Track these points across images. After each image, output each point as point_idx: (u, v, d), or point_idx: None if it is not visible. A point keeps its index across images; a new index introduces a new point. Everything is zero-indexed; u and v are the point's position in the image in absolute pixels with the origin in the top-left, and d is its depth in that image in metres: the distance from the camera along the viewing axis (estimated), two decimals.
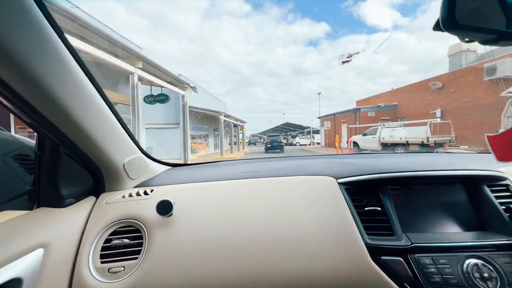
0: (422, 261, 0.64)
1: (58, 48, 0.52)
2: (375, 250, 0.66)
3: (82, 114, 0.60)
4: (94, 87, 0.64)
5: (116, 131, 0.76)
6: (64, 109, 0.56)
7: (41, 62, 0.48)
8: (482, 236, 0.70)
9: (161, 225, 0.70)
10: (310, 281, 0.63)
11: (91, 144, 0.67)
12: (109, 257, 0.66)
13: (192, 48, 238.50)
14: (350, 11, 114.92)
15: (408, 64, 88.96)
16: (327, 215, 0.72)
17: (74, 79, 0.57)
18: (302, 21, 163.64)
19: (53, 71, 0.51)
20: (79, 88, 0.59)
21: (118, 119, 0.76)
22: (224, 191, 0.82)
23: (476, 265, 0.62)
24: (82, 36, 4.24)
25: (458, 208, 0.77)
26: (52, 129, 0.60)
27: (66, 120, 0.58)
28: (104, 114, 0.69)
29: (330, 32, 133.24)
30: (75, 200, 0.72)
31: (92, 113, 0.64)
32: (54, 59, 0.51)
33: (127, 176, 0.83)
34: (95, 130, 0.66)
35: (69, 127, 0.60)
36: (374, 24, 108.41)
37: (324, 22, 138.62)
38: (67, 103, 0.56)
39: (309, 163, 1.02)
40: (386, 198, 0.75)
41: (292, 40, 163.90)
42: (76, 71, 0.57)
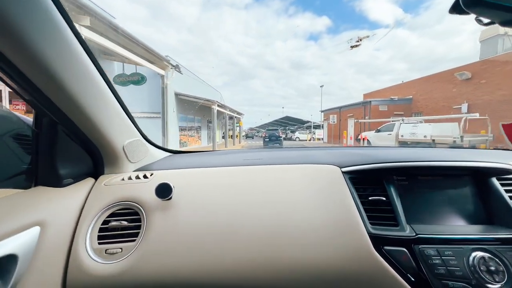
0: (427, 252, 0.62)
1: (59, 25, 0.52)
2: (379, 240, 0.64)
3: (81, 92, 0.60)
4: (95, 67, 0.64)
5: (116, 112, 0.75)
6: (64, 86, 0.56)
7: (42, 38, 0.48)
8: (489, 230, 0.68)
9: (160, 208, 0.70)
10: (311, 270, 0.62)
11: (90, 123, 0.67)
12: (107, 238, 0.66)
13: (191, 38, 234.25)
14: (352, 5, 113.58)
15: (409, 62, 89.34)
16: (330, 204, 0.70)
17: (75, 57, 0.57)
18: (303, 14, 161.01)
19: (53, 47, 0.51)
20: (80, 66, 0.58)
21: (119, 101, 0.76)
22: (225, 177, 0.81)
23: (482, 258, 0.61)
24: None
25: (465, 201, 0.75)
26: (50, 106, 0.59)
27: (65, 97, 0.58)
28: (104, 95, 0.69)
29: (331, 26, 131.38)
30: (74, 181, 0.72)
31: (92, 92, 0.64)
32: (55, 36, 0.51)
33: (126, 159, 0.83)
34: (94, 109, 0.65)
35: (67, 104, 0.60)
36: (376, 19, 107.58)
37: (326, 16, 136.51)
38: (67, 81, 0.56)
39: (312, 153, 1.01)
40: (391, 188, 0.74)
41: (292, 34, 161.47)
42: (77, 50, 0.57)
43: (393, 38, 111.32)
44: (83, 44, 0.58)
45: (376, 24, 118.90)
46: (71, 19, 0.54)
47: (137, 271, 0.62)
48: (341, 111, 20.65)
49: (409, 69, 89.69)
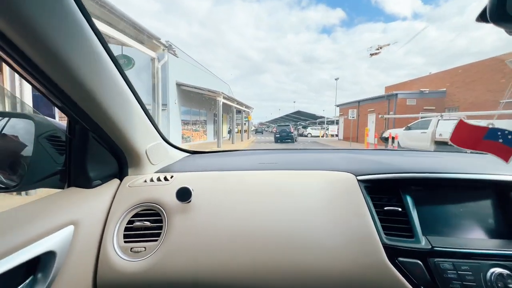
0: (442, 266, 0.60)
1: (90, 39, 0.54)
2: (393, 251, 0.63)
3: (109, 101, 0.63)
4: (121, 76, 0.67)
5: (140, 118, 0.79)
6: (94, 96, 0.59)
7: (75, 52, 0.51)
8: (510, 245, 0.64)
9: (180, 210, 0.72)
10: (323, 277, 0.62)
11: (117, 130, 0.71)
12: (131, 237, 0.69)
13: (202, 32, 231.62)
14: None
15: (426, 56, 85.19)
16: (345, 212, 0.70)
17: (104, 69, 0.60)
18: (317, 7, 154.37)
19: (85, 60, 0.54)
20: (108, 77, 0.61)
21: (142, 106, 0.80)
22: (241, 181, 0.82)
23: (501, 275, 0.58)
24: None
25: (485, 214, 0.72)
26: (82, 114, 0.63)
27: (95, 106, 0.62)
28: (129, 102, 0.72)
29: (345, 19, 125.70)
30: (101, 182, 0.76)
31: (118, 101, 0.67)
32: (86, 49, 0.54)
33: (148, 161, 0.87)
34: (121, 117, 0.69)
35: (97, 113, 0.64)
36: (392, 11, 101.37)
37: (340, 8, 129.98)
38: (96, 91, 0.59)
39: (328, 157, 1.02)
40: (407, 198, 0.71)
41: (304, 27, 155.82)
42: (106, 61, 0.60)
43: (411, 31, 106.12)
44: (110, 54, 0.61)
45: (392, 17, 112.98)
46: (100, 33, 0.57)
47: (159, 269, 0.64)
48: (360, 106, 18.70)
49: (426, 63, 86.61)
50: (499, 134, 0.68)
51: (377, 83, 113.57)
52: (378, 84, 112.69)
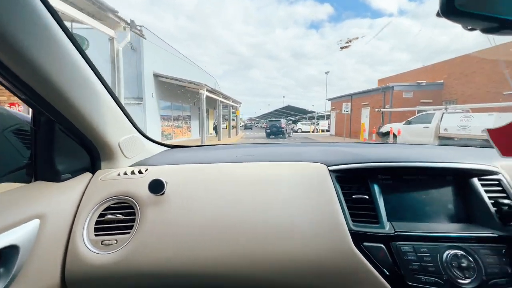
0: (403, 248, 0.64)
1: (51, 28, 0.52)
2: (359, 236, 0.66)
3: (76, 92, 0.62)
4: (89, 67, 0.65)
5: (111, 110, 0.77)
6: (57, 86, 0.57)
7: (34, 40, 0.49)
8: (466, 229, 0.70)
9: (153, 203, 0.72)
10: (294, 263, 0.64)
11: (85, 121, 0.69)
12: (103, 230, 0.68)
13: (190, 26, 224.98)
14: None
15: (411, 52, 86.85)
16: (315, 201, 0.72)
17: (67, 58, 0.58)
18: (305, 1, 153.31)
19: (46, 49, 0.52)
20: (72, 66, 0.60)
21: (114, 98, 0.78)
22: (217, 173, 0.83)
23: (455, 255, 0.63)
24: None
25: (446, 200, 0.77)
26: (46, 106, 0.61)
27: (60, 97, 0.59)
28: (98, 94, 0.70)
29: (333, 14, 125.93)
30: (71, 176, 0.75)
31: (86, 92, 0.66)
32: (47, 37, 0.52)
33: (122, 154, 0.86)
34: (89, 108, 0.67)
35: (62, 104, 0.62)
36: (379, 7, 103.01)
37: (328, 3, 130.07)
38: (60, 81, 0.57)
39: (304, 150, 1.03)
40: (374, 187, 0.76)
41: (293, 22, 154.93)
42: (69, 50, 0.58)
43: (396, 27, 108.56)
44: (75, 44, 0.59)
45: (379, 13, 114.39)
46: (61, 20, 0.54)
47: (130, 261, 0.64)
48: (353, 99, 17.85)
49: (412, 60, 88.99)
50: None
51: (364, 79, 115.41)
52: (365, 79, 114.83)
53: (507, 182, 0.76)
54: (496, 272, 0.61)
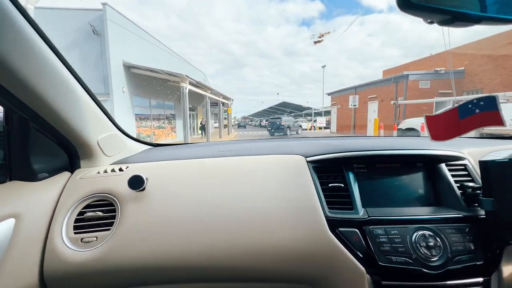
0: (376, 232, 0.67)
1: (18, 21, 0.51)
2: (334, 222, 0.69)
3: (48, 89, 0.61)
4: (62, 62, 0.64)
5: (87, 107, 0.76)
6: (28, 84, 0.56)
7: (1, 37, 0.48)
8: (434, 211, 0.73)
9: (134, 199, 0.72)
10: (273, 251, 0.66)
11: (60, 119, 0.67)
12: (84, 228, 0.68)
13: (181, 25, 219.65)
14: None
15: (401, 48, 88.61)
16: (293, 191, 0.74)
17: (37, 54, 0.57)
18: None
19: (13, 45, 0.51)
20: (43, 62, 0.59)
21: (91, 96, 0.77)
22: (197, 168, 0.83)
23: (423, 236, 0.66)
24: None
25: (417, 186, 0.80)
26: (17, 103, 0.60)
27: (31, 94, 0.58)
28: (73, 90, 0.69)
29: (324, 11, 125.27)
30: (49, 175, 0.74)
31: (60, 88, 0.65)
32: (13, 31, 0.51)
33: (102, 153, 0.84)
34: (63, 105, 0.66)
35: (34, 101, 0.60)
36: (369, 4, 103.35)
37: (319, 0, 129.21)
38: (31, 78, 0.56)
39: (286, 144, 1.05)
40: (350, 175, 0.78)
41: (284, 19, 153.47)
42: (39, 46, 0.57)
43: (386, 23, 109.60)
44: (45, 39, 0.58)
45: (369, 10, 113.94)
46: (29, 15, 0.53)
47: (111, 257, 0.64)
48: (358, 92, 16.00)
49: (402, 55, 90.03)
50: (471, 107, 0.68)
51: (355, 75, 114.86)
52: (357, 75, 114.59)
53: (472, 166, 0.81)
54: (460, 250, 0.65)
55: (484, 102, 0.65)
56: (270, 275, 0.67)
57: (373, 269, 0.64)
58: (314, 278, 0.67)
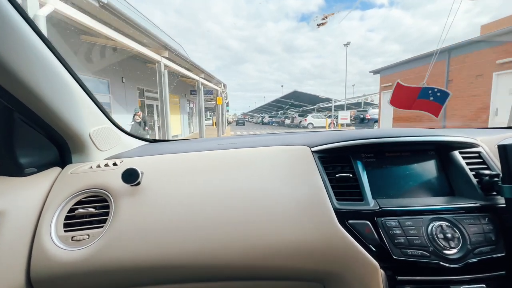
0: (388, 223, 0.63)
1: (8, 15, 0.49)
2: (343, 214, 0.65)
3: (36, 77, 0.57)
4: (50, 51, 0.61)
5: (78, 98, 0.72)
6: (11, 70, 0.52)
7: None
8: (450, 200, 0.70)
9: (128, 194, 0.68)
10: (280, 247, 0.62)
11: (48, 110, 0.63)
12: (75, 226, 0.65)
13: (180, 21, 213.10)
14: None
15: (402, 43, 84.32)
16: (300, 183, 0.71)
17: (23, 40, 0.53)
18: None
19: (4, 38, 0.48)
20: (30, 49, 0.55)
21: (82, 86, 0.73)
22: (196, 161, 0.80)
23: (440, 226, 0.62)
24: None
25: (429, 174, 0.77)
26: (1, 92, 0.56)
27: (15, 82, 0.54)
28: (62, 80, 0.66)
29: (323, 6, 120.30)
30: (37, 170, 0.70)
31: (48, 77, 0.61)
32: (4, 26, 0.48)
33: (95, 147, 0.80)
34: (51, 95, 0.62)
35: (19, 90, 0.56)
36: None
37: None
38: (14, 64, 0.52)
39: (288, 137, 1.01)
40: (358, 165, 0.75)
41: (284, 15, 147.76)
42: (25, 32, 0.53)
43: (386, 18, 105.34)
44: (33, 26, 0.55)
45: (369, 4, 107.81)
46: (23, 8, 0.51)
47: (102, 256, 0.60)
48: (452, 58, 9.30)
49: (403, 51, 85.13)
50: (430, 93, 0.73)
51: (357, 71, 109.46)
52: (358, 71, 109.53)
53: (486, 153, 0.77)
54: (481, 241, 0.61)
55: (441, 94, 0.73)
56: (277, 273, 0.63)
57: (387, 264, 0.60)
58: (324, 274, 0.63)
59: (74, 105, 0.70)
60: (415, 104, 0.77)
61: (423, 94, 0.77)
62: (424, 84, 0.75)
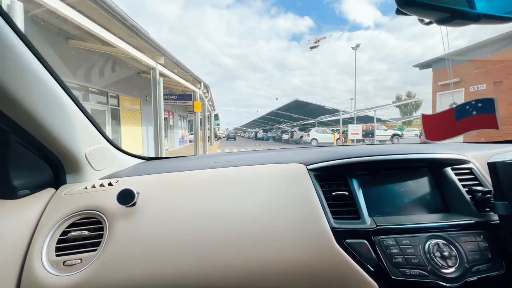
0: (386, 242, 0.63)
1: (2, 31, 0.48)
2: (340, 233, 0.65)
3: (30, 97, 0.55)
4: (45, 68, 0.60)
5: (74, 118, 0.71)
6: (7, 90, 0.50)
7: None
8: (445, 218, 0.70)
9: (123, 215, 0.65)
10: (278, 267, 0.61)
11: (44, 131, 0.63)
12: (68, 249, 0.62)
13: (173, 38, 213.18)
14: (333, 7, 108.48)
15: (388, 62, 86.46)
16: (296, 201, 0.70)
17: (18, 59, 0.52)
18: (285, 15, 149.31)
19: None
20: (25, 68, 0.54)
21: (78, 105, 0.72)
22: (193, 180, 0.78)
23: (437, 245, 0.62)
24: None
25: (424, 192, 0.77)
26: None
27: (11, 103, 0.53)
28: (58, 99, 0.65)
29: (313, 27, 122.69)
30: (31, 192, 0.68)
31: (43, 97, 0.60)
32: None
33: (90, 167, 0.78)
34: (47, 116, 0.61)
35: (15, 111, 0.55)
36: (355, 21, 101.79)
37: (308, 17, 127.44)
38: (10, 84, 0.50)
39: (284, 153, 1.02)
40: (353, 182, 0.75)
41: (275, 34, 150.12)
42: (20, 50, 0.52)
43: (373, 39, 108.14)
44: (28, 44, 0.53)
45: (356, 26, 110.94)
46: (9, 16, 0.49)
47: (96, 281, 0.58)
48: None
49: (389, 69, 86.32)
50: (469, 108, 0.66)
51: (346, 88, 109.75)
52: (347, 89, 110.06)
53: (478, 169, 0.79)
54: (477, 258, 0.61)
55: (482, 104, 0.66)
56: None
57: (386, 284, 0.60)
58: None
59: (70, 125, 0.69)
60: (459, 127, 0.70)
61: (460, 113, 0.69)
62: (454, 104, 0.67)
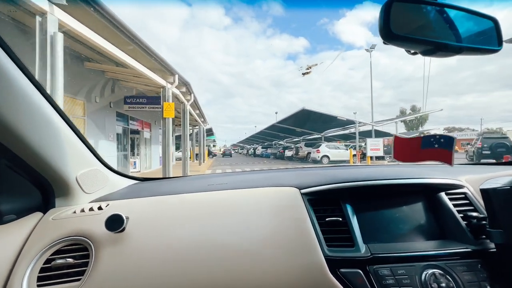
0: (381, 272, 0.61)
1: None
2: (334, 262, 0.62)
3: (19, 119, 0.53)
4: (35, 87, 0.57)
5: (65, 140, 0.68)
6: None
7: None
8: (441, 245, 0.69)
9: (111, 242, 0.62)
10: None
11: (34, 154, 0.60)
12: (51, 279, 0.58)
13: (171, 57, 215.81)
14: (326, 28, 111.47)
15: (381, 80, 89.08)
16: (288, 226, 0.68)
17: (6, 78, 0.49)
18: (281, 36, 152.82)
19: None
20: (14, 88, 0.51)
21: (71, 126, 0.69)
22: (184, 204, 0.76)
23: (433, 275, 0.61)
24: None
25: (419, 217, 0.75)
26: None
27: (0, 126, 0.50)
28: (49, 121, 0.62)
29: (308, 47, 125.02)
30: (16, 217, 0.65)
31: (33, 118, 0.57)
32: None
33: (81, 190, 0.75)
34: (37, 138, 0.59)
35: (3, 134, 0.53)
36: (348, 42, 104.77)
37: (303, 37, 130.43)
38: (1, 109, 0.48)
39: (278, 175, 1.01)
40: (347, 208, 0.73)
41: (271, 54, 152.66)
42: (11, 74, 0.49)
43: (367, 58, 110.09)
44: (19, 65, 0.51)
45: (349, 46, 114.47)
46: (8, 45, 0.48)
47: None
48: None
49: (383, 87, 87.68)
50: (433, 140, 0.69)
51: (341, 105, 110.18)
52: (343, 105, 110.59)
53: (472, 194, 0.77)
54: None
55: (444, 140, 0.70)
56: None
57: None
58: None
59: (62, 148, 0.66)
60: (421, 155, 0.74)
61: (426, 143, 0.73)
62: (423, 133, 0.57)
